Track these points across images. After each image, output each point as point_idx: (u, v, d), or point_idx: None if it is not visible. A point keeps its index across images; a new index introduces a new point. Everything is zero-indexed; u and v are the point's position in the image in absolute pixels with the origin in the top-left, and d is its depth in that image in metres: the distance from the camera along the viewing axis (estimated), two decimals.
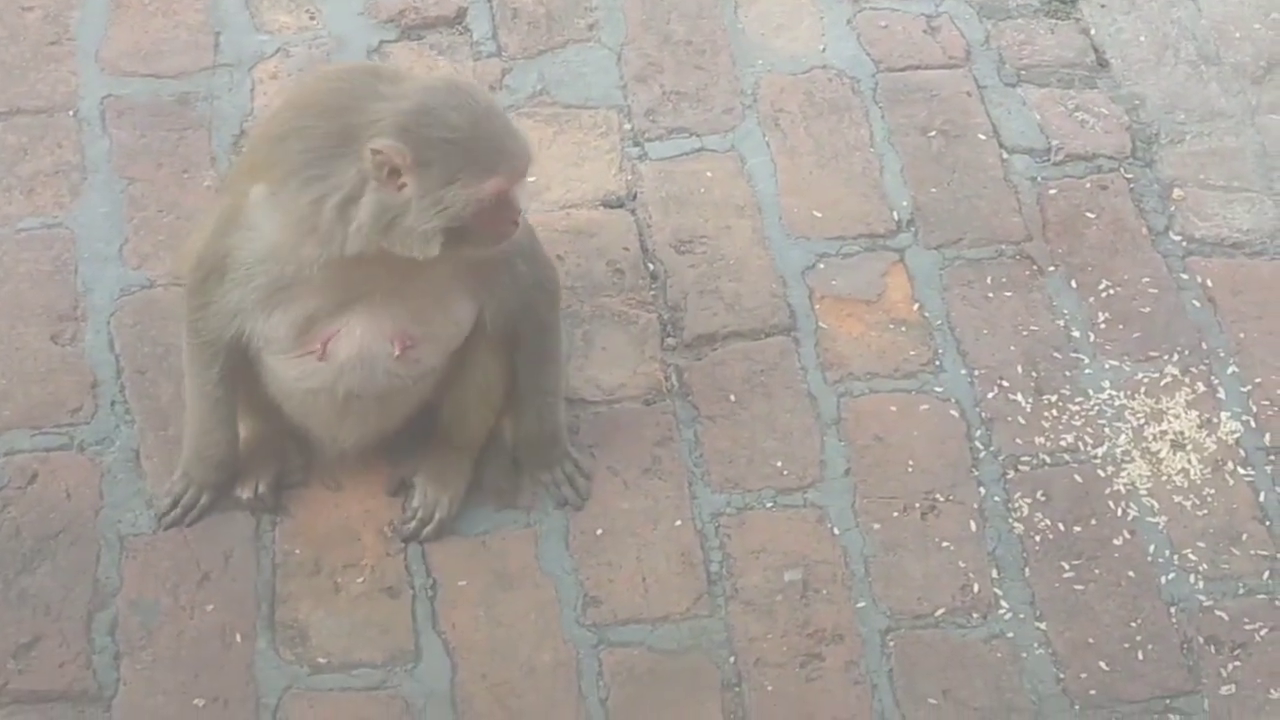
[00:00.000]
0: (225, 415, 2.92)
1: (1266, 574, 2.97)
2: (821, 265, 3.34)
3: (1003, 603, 2.93)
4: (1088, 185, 3.47)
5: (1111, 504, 3.04)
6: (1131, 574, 2.96)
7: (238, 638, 2.86)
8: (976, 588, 2.94)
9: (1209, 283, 3.33)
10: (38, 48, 3.59)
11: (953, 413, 3.14)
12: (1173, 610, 2.92)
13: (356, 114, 2.63)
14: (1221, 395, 3.18)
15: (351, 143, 2.63)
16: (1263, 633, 2.90)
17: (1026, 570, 2.96)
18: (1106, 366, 3.21)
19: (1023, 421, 3.13)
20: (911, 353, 3.22)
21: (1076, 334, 3.25)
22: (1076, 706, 2.82)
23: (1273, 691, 2.84)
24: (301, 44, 3.64)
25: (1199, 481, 3.07)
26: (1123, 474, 3.08)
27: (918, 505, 3.04)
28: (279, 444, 3.00)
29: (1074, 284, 3.32)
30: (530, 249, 2.90)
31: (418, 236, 2.65)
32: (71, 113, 3.50)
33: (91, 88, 3.54)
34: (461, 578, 2.94)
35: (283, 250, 2.70)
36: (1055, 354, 3.22)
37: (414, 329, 2.81)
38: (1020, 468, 3.08)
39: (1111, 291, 3.31)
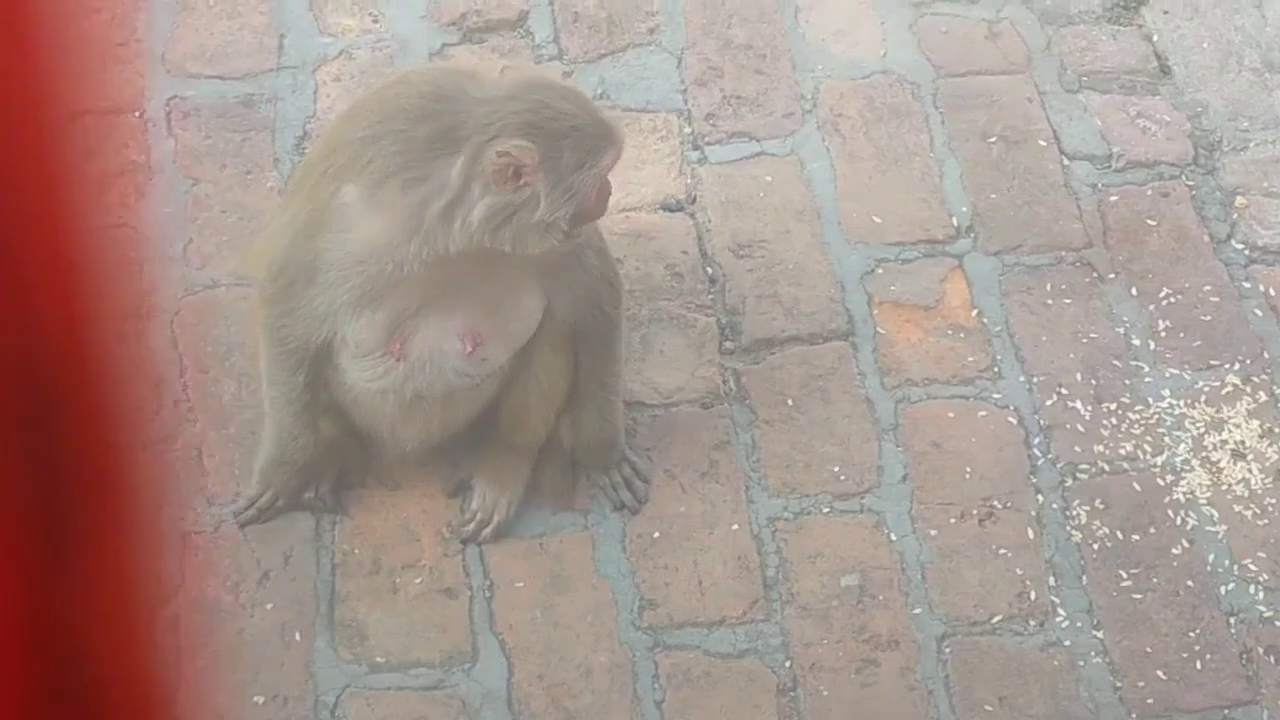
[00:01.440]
0: (310, 420, 2.93)
1: None
2: (880, 271, 3.33)
3: (1060, 611, 2.92)
4: (1149, 192, 3.45)
5: (1171, 513, 3.03)
6: (1190, 583, 2.95)
7: (297, 636, 2.88)
8: (1034, 595, 2.94)
9: (1271, 291, 3.31)
10: (105, 49, 3.63)
11: (1011, 420, 3.14)
12: (1232, 620, 2.91)
13: (452, 116, 2.66)
14: None
15: (452, 145, 2.65)
16: None
17: (1084, 578, 2.95)
18: (1167, 375, 3.20)
19: (1082, 429, 3.12)
20: (970, 359, 3.22)
21: (1137, 342, 3.24)
22: (1134, 715, 2.81)
23: None
24: (364, 46, 3.66)
25: (1260, 491, 3.05)
26: (1182, 483, 3.06)
27: (975, 512, 3.03)
28: (340, 444, 3.02)
29: (1134, 291, 3.31)
30: (599, 244, 2.93)
31: (538, 229, 2.68)
32: (138, 114, 3.53)
33: (157, 89, 3.57)
34: (519, 579, 2.95)
35: (382, 250, 2.71)
36: (1115, 362, 3.21)
37: (483, 326, 2.83)
38: (1079, 475, 3.07)
39: (1172, 299, 3.29)
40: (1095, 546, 2.99)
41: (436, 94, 2.71)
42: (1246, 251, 3.37)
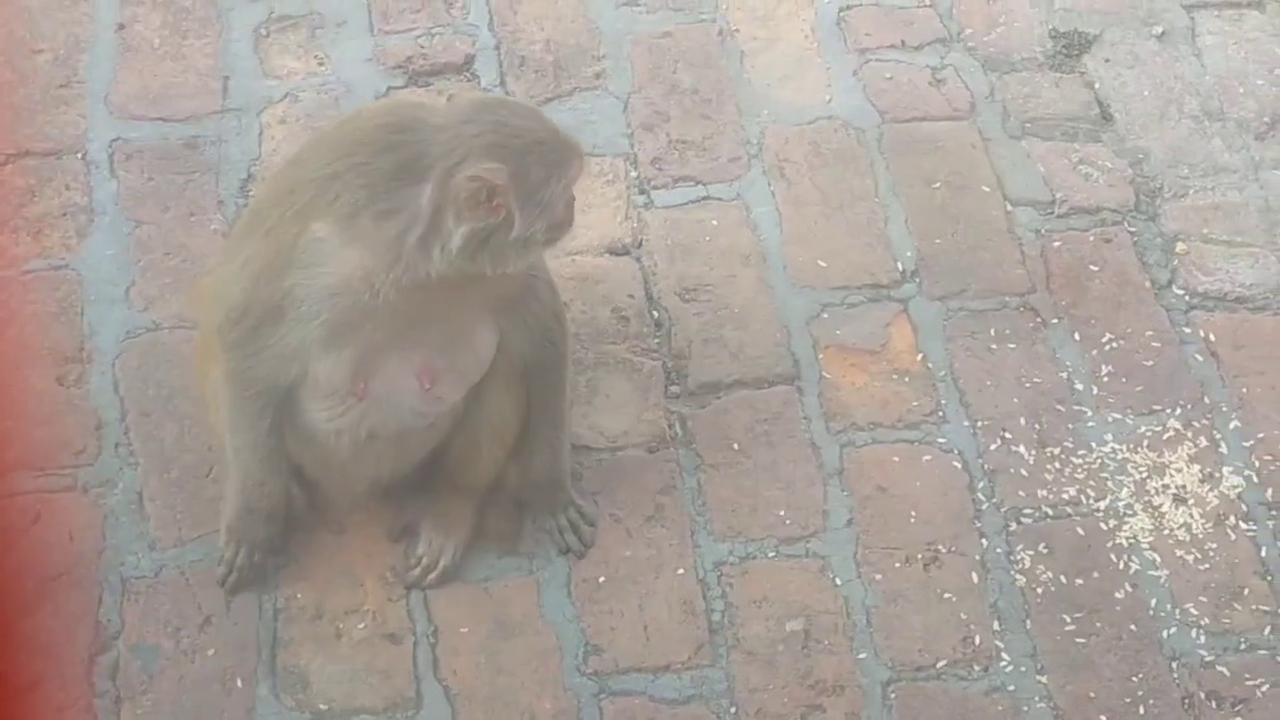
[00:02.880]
0: (277, 464, 2.89)
1: (1268, 629, 2.97)
2: (825, 315, 3.35)
3: (1004, 655, 2.93)
4: (1091, 238, 3.48)
5: (1113, 557, 3.04)
6: (1133, 627, 2.96)
7: (239, 683, 2.85)
8: (978, 639, 2.94)
9: (1212, 337, 3.34)
10: (47, 90, 3.61)
11: (955, 464, 3.15)
12: (1174, 665, 2.92)
13: (413, 146, 2.66)
14: (1224, 450, 3.18)
15: (418, 175, 2.64)
16: (1264, 689, 2.90)
17: (1028, 623, 2.96)
18: (1109, 419, 3.22)
19: (1025, 474, 3.14)
20: (914, 403, 3.23)
21: (1079, 386, 3.26)
22: None
23: None
24: (310, 89, 3.65)
25: (1201, 536, 3.07)
26: (1125, 527, 3.08)
27: (920, 556, 3.04)
28: (286, 487, 2.99)
29: (1077, 336, 3.33)
30: (547, 276, 2.93)
31: (516, 247, 2.69)
32: (80, 155, 3.51)
33: (100, 130, 3.56)
34: (463, 625, 2.94)
35: (359, 282, 2.69)
36: (1058, 406, 3.23)
37: (439, 363, 2.82)
38: (1022, 520, 3.08)
39: (1114, 344, 3.32)
40: (1039, 591, 3.00)
41: (394, 125, 2.70)
42: (1187, 297, 3.40)
